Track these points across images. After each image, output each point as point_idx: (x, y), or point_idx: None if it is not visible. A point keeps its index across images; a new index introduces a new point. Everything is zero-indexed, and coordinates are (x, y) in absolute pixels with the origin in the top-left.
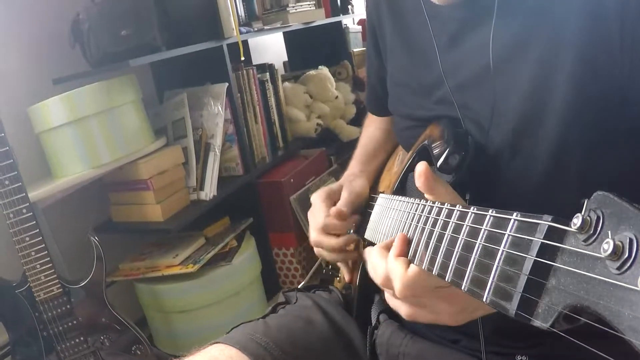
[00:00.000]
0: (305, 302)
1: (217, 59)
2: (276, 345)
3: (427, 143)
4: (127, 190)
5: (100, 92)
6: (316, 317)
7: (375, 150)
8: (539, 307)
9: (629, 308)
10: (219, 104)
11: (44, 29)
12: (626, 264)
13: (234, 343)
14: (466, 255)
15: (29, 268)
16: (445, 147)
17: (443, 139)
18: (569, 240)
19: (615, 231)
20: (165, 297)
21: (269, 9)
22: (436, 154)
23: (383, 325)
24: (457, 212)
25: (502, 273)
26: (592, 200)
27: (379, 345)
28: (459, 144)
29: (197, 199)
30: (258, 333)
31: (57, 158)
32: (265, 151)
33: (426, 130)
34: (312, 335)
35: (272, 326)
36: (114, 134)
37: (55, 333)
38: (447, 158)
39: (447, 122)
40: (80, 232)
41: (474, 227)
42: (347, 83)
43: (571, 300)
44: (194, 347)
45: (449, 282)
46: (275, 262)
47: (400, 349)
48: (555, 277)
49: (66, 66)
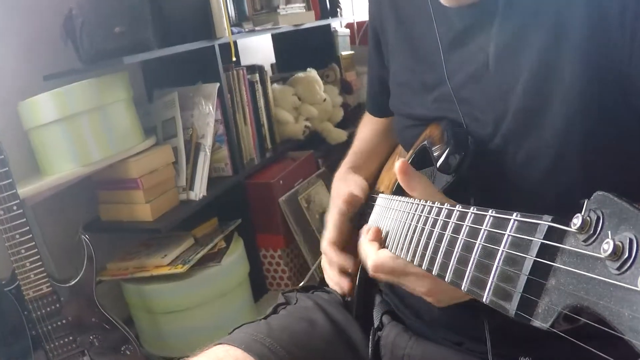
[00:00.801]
0: (305, 302)
1: (208, 59)
2: (280, 346)
3: (426, 143)
4: (117, 189)
5: (92, 89)
6: (318, 318)
7: (367, 153)
8: (538, 307)
9: (629, 308)
10: (210, 103)
11: (35, 24)
12: (626, 264)
13: (238, 344)
14: (466, 256)
15: (19, 266)
16: (445, 147)
17: (443, 139)
18: (569, 241)
19: (615, 231)
20: (153, 297)
21: (260, 9)
22: (436, 154)
23: (387, 327)
24: (457, 212)
25: (502, 273)
26: (592, 200)
27: (383, 347)
28: (459, 144)
29: (187, 199)
30: (261, 334)
31: (46, 155)
32: (254, 152)
33: (426, 130)
34: (315, 336)
35: (274, 327)
36: (104, 132)
37: (43, 332)
38: (447, 158)
39: (447, 122)
40: (68, 231)
41: (473, 228)
42: (335, 86)
43: (571, 301)
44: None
45: (448, 282)
46: (263, 263)
47: (406, 351)
48: (555, 277)
49: (57, 62)
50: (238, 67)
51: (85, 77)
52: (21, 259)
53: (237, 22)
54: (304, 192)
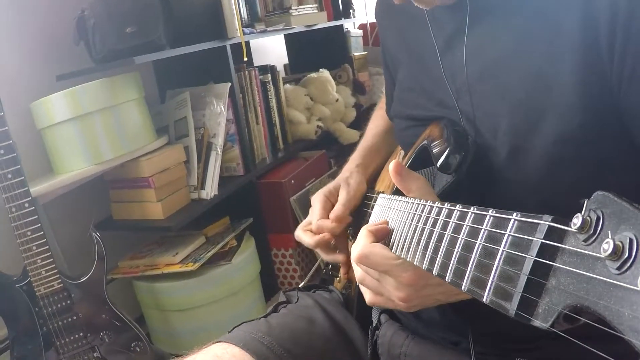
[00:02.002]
0: (306, 301)
1: (220, 59)
2: (279, 344)
3: (427, 143)
4: (128, 187)
5: (104, 88)
6: (318, 317)
7: (379, 144)
8: (539, 307)
9: (629, 308)
10: (221, 103)
11: (48, 25)
12: (626, 264)
13: (237, 342)
14: (466, 255)
15: (30, 263)
16: (445, 146)
17: (443, 139)
18: (569, 240)
19: (615, 231)
20: (164, 295)
21: (272, 11)
22: (436, 153)
23: (384, 326)
24: (457, 212)
25: (502, 273)
26: (592, 200)
27: (381, 345)
28: (459, 143)
29: (198, 198)
30: (261, 332)
31: (58, 154)
32: (266, 152)
33: (426, 130)
34: (314, 335)
35: (274, 325)
36: (116, 131)
37: (54, 328)
38: (448, 158)
39: (447, 121)
40: (79, 229)
41: (474, 227)
42: (347, 86)
43: (571, 300)
44: (192, 346)
45: (448, 282)
46: (274, 262)
47: (402, 349)
48: (555, 277)
49: (70, 63)
50: (250, 68)
51: (98, 77)
52: (32, 255)
53: (250, 22)
54: (316, 191)
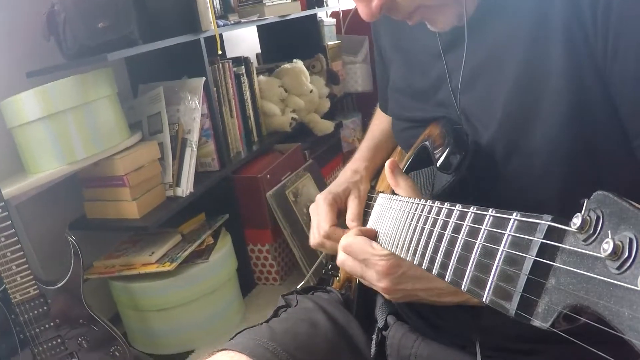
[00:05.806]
0: (306, 304)
1: (194, 53)
2: (283, 349)
3: (427, 142)
4: (103, 186)
5: (76, 86)
6: (319, 319)
7: (383, 143)
8: (538, 306)
9: (629, 308)
10: (196, 98)
11: (17, 20)
12: (626, 264)
13: (242, 349)
14: (466, 255)
15: (5, 269)
16: (445, 146)
17: (443, 139)
18: (568, 240)
19: (615, 231)
20: (141, 295)
21: (245, 1)
22: (436, 153)
23: (393, 327)
24: (457, 212)
25: (502, 273)
26: (592, 200)
27: (389, 346)
28: (459, 143)
29: (174, 195)
30: (264, 338)
31: (30, 154)
32: (241, 146)
33: (426, 130)
34: (317, 338)
35: (277, 330)
36: (89, 129)
37: (32, 335)
38: (448, 157)
39: (447, 121)
40: (53, 230)
41: (473, 227)
42: (321, 76)
43: (571, 300)
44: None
45: (448, 281)
46: (251, 258)
47: (412, 351)
48: (555, 277)
49: (40, 59)
50: (224, 60)
51: (69, 74)
52: (7, 262)
53: (223, 14)
54: (292, 185)
